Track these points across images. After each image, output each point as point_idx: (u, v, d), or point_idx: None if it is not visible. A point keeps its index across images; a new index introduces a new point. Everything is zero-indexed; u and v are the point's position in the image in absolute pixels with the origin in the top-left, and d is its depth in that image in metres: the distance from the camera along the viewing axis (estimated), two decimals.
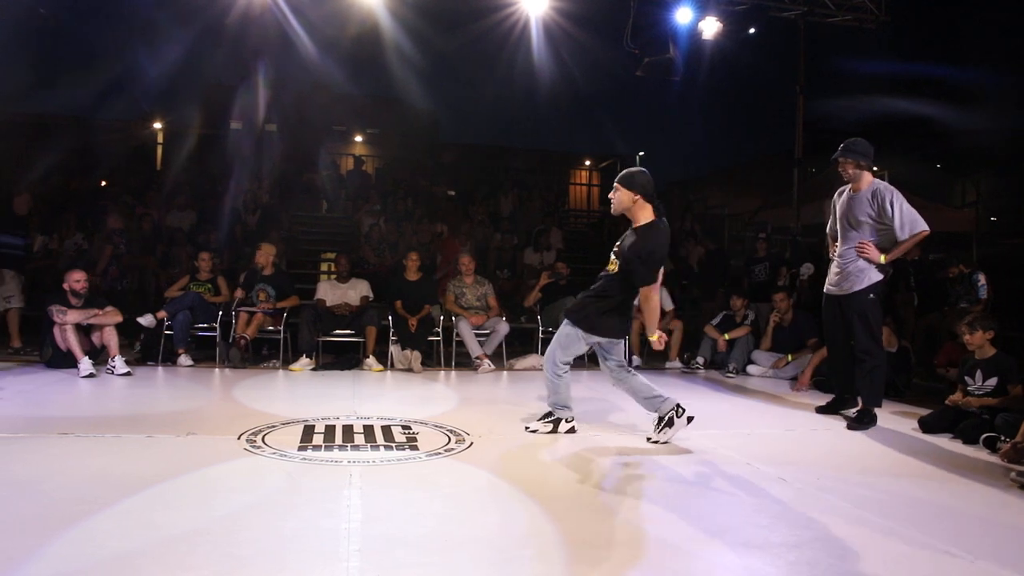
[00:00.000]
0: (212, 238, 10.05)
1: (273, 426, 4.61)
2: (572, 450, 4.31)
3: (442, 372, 7.56)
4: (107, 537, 2.71)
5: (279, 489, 3.40)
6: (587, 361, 7.06)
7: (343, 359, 7.67)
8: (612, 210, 4.53)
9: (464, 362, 7.80)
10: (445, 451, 4.13)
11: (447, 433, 4.56)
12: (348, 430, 4.58)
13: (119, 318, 6.87)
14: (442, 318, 7.94)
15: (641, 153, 23.30)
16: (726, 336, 8.00)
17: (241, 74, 17.29)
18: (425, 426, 4.76)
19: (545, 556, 2.67)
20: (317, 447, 4.14)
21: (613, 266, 4.48)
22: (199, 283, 7.90)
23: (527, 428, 4.70)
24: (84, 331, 6.69)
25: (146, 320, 7.33)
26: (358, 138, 22.80)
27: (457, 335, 7.83)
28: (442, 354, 7.84)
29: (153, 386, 6.42)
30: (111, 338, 6.69)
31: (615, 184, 4.46)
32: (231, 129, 22.33)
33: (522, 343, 8.64)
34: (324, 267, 12.20)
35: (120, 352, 6.72)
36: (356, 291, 7.97)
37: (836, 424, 5.31)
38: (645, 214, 4.37)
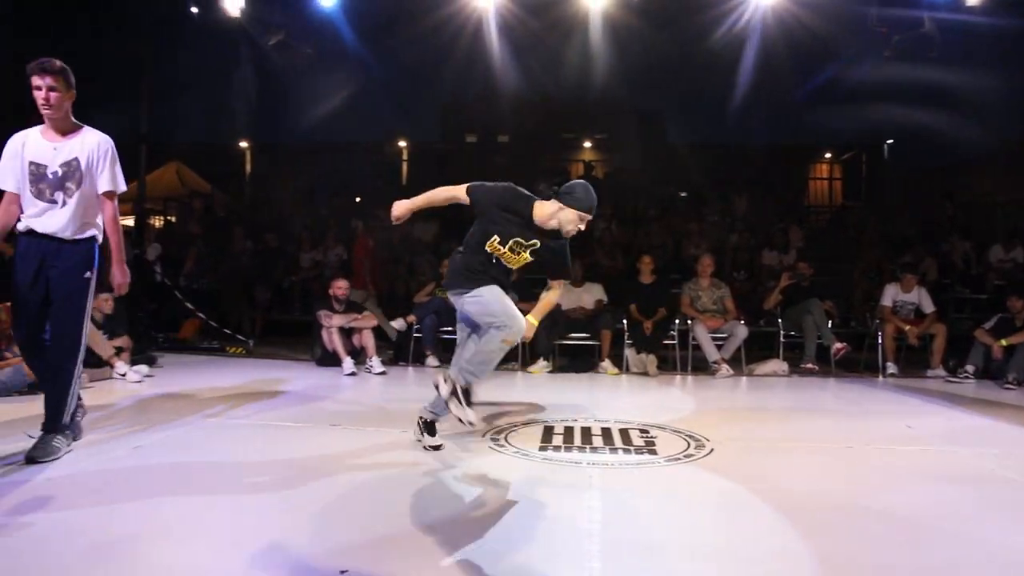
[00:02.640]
0: (454, 247, 10.66)
1: (514, 426, 4.78)
2: (826, 461, 4.03)
3: (678, 376, 7.43)
4: (369, 522, 2.95)
5: (523, 487, 3.51)
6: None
7: (579, 362, 7.79)
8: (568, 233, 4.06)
9: (701, 367, 7.60)
10: (684, 457, 4.04)
11: (686, 438, 4.46)
12: (586, 432, 4.63)
13: (375, 322, 7.52)
14: (677, 321, 7.78)
15: (890, 141, 21.33)
16: (1003, 342, 7.08)
17: (474, 89, 18.20)
18: (663, 431, 4.69)
19: (798, 574, 2.51)
20: (557, 448, 4.23)
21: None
22: (444, 289, 8.40)
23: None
24: (346, 334, 7.38)
25: (397, 324, 7.94)
26: (586, 144, 23.10)
27: (693, 339, 7.65)
28: (678, 358, 7.70)
29: (405, 385, 6.93)
30: (368, 340, 7.33)
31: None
32: (466, 142, 23.62)
33: (762, 348, 8.25)
34: None
35: (376, 353, 7.34)
36: (590, 295, 8.06)
37: None
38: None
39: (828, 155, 21.43)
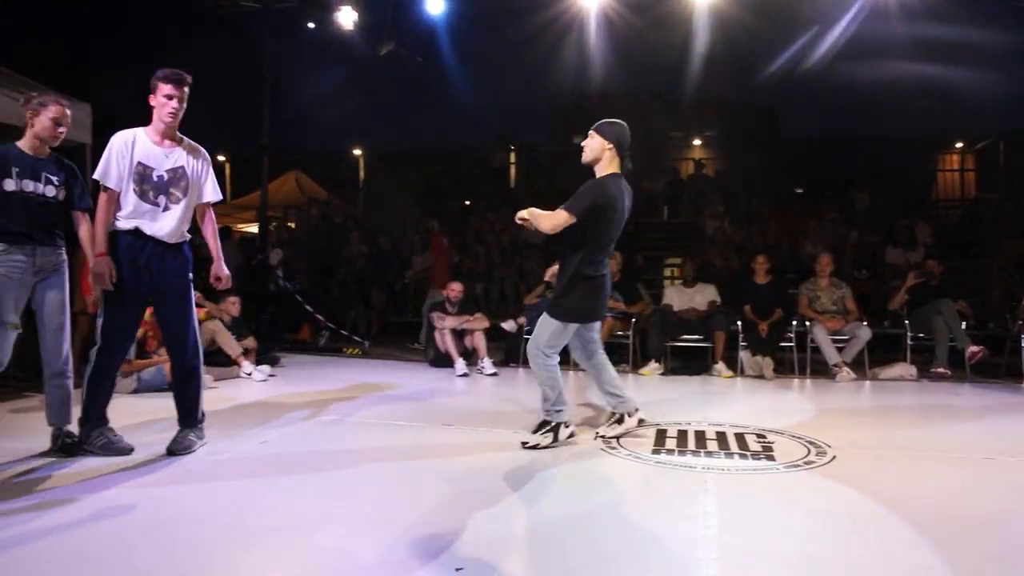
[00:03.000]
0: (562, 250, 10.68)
1: (626, 428, 4.71)
2: (963, 472, 3.78)
3: (796, 380, 7.14)
4: (484, 521, 2.98)
5: (636, 490, 3.47)
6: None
7: (691, 364, 7.63)
8: (583, 158, 4.22)
9: (820, 370, 7.29)
10: (804, 463, 3.88)
11: (806, 445, 4.28)
12: (700, 436, 4.52)
13: (486, 323, 7.62)
14: (794, 323, 7.49)
15: None
16: None
17: (581, 90, 18.16)
18: (781, 436, 4.52)
19: None
20: (670, 451, 4.15)
21: None
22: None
23: (524, 444, 4.22)
24: (459, 335, 7.50)
25: (508, 325, 8.01)
26: (696, 142, 22.65)
27: (812, 341, 7.34)
28: (795, 361, 7.41)
29: (515, 386, 6.98)
30: (480, 341, 7.43)
31: (590, 131, 4.23)
32: (574, 144, 23.56)
33: (887, 350, 7.81)
34: (667, 272, 12.27)
35: (488, 354, 7.43)
36: (703, 295, 7.87)
37: None
38: (611, 167, 4.17)
39: (959, 144, 20.15)
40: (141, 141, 3.90)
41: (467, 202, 15.67)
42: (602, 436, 4.40)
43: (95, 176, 3.86)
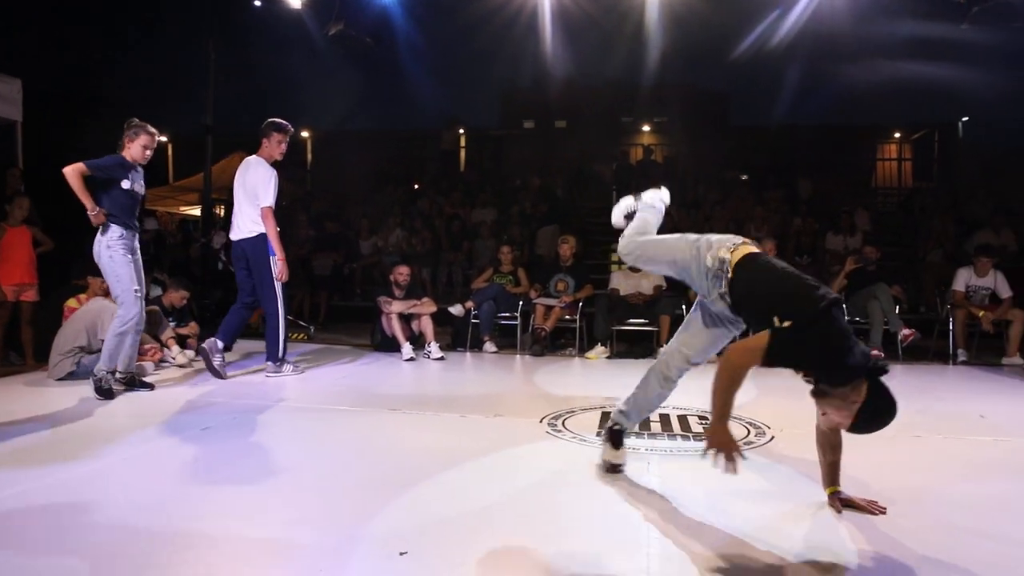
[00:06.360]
0: (513, 233, 10.70)
1: (572, 411, 4.77)
2: (893, 450, 3.91)
3: None
4: (429, 505, 2.99)
5: (581, 472, 3.51)
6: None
7: (637, 348, 7.73)
8: None
9: None
10: (744, 444, 3.98)
11: (746, 426, 4.39)
12: (645, 418, 4.59)
13: (434, 308, 7.59)
14: None
15: (965, 119, 20.46)
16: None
17: (532, 75, 18.17)
18: None
19: (865, 569, 2.45)
20: None
21: None
22: (501, 275, 8.44)
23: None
24: (406, 320, 7.47)
25: (456, 310, 8.00)
26: (646, 128, 22.83)
27: None
28: None
29: (463, 370, 6.99)
30: (428, 326, 7.41)
31: None
32: (524, 128, 23.58)
33: None
34: (615, 257, 12.38)
35: (435, 339, 7.42)
36: (649, 280, 7.98)
37: None
38: None
39: (897, 135, 20.72)
40: None
41: (416, 185, 15.56)
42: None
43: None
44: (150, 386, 5.33)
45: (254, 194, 5.95)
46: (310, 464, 3.60)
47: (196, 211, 14.03)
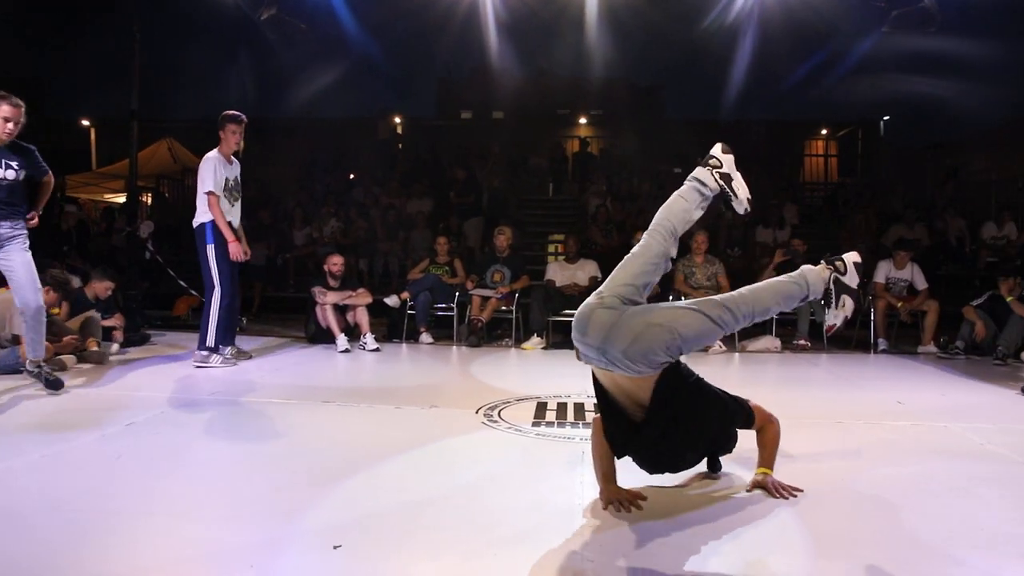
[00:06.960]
0: (450, 223, 10.66)
1: (508, 402, 4.79)
2: (817, 436, 4.05)
3: None
4: (362, 498, 2.97)
5: (516, 462, 3.53)
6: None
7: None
8: None
9: None
10: None
11: None
12: (579, 408, 4.65)
13: (369, 299, 7.52)
14: (671, 298, 7.78)
15: (886, 118, 21.26)
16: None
17: (469, 66, 18.09)
18: None
19: (790, 548, 2.54)
20: (550, 423, 4.25)
21: None
22: (438, 266, 8.40)
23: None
24: (340, 311, 7.38)
25: (391, 300, 7.93)
26: (582, 120, 22.99)
27: None
28: None
29: (398, 361, 6.94)
30: (363, 317, 7.33)
31: None
32: (461, 119, 23.50)
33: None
34: (551, 248, 12.48)
35: (370, 330, 7.34)
36: (584, 271, 8.06)
37: None
38: None
39: (824, 131, 21.39)
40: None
41: (351, 175, 15.34)
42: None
43: None
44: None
45: (200, 184, 6.16)
46: (240, 459, 3.52)
47: (121, 198, 13.57)
